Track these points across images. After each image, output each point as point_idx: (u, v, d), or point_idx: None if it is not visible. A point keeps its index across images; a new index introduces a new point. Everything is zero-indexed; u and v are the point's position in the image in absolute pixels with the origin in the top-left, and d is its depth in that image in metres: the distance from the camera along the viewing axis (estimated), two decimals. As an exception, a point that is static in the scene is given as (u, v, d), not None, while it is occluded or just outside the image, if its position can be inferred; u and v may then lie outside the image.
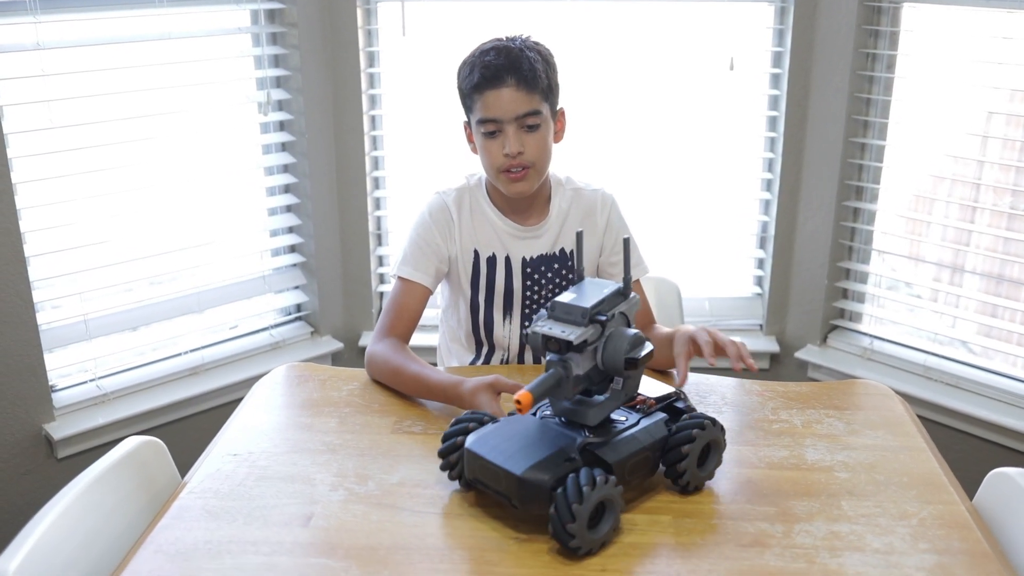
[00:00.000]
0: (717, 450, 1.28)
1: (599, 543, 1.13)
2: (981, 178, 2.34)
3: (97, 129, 2.19)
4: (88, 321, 2.25)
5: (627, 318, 1.25)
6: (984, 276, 2.37)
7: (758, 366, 2.60)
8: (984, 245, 2.35)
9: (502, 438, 1.21)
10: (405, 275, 1.71)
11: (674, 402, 1.31)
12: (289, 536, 1.17)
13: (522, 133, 1.62)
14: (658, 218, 2.61)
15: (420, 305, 1.71)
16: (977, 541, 1.17)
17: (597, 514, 1.13)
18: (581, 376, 1.18)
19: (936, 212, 2.46)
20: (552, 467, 1.15)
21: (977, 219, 2.37)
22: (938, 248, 2.45)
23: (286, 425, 1.47)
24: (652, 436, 1.24)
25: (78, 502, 1.22)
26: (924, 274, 2.50)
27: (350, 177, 2.59)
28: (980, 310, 2.40)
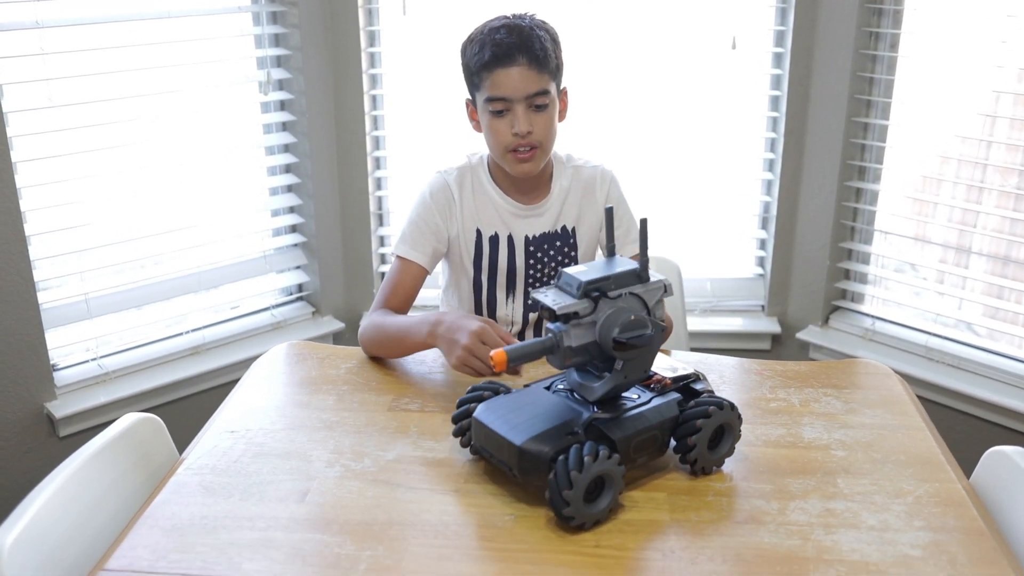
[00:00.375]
0: (731, 433, 1.27)
1: (595, 518, 1.14)
2: (988, 158, 2.32)
3: (97, 108, 2.19)
4: (89, 300, 2.25)
5: (644, 302, 1.21)
6: (989, 257, 2.35)
7: (760, 347, 2.63)
8: (991, 226, 2.34)
9: (510, 409, 1.22)
10: (402, 254, 1.71)
11: (692, 383, 1.30)
12: (285, 512, 1.17)
13: (531, 113, 1.61)
14: (660, 198, 2.60)
15: (416, 283, 1.71)
16: (972, 519, 1.17)
17: (596, 488, 1.14)
18: (576, 348, 1.18)
19: (941, 193, 2.45)
20: (554, 439, 1.16)
21: (984, 200, 2.35)
22: (942, 229, 2.44)
23: (284, 403, 1.48)
24: (662, 415, 1.23)
25: (75, 478, 1.22)
26: (928, 255, 2.49)
27: (351, 157, 2.58)
28: (985, 291, 2.39)
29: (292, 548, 1.10)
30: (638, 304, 1.22)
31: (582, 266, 1.23)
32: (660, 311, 1.24)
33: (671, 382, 1.28)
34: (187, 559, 1.08)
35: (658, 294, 1.23)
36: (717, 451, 1.26)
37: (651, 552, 1.10)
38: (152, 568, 1.07)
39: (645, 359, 1.23)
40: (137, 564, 1.08)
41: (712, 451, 1.26)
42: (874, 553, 1.09)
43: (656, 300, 1.23)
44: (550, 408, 1.22)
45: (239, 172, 2.51)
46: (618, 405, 1.23)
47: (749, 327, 2.65)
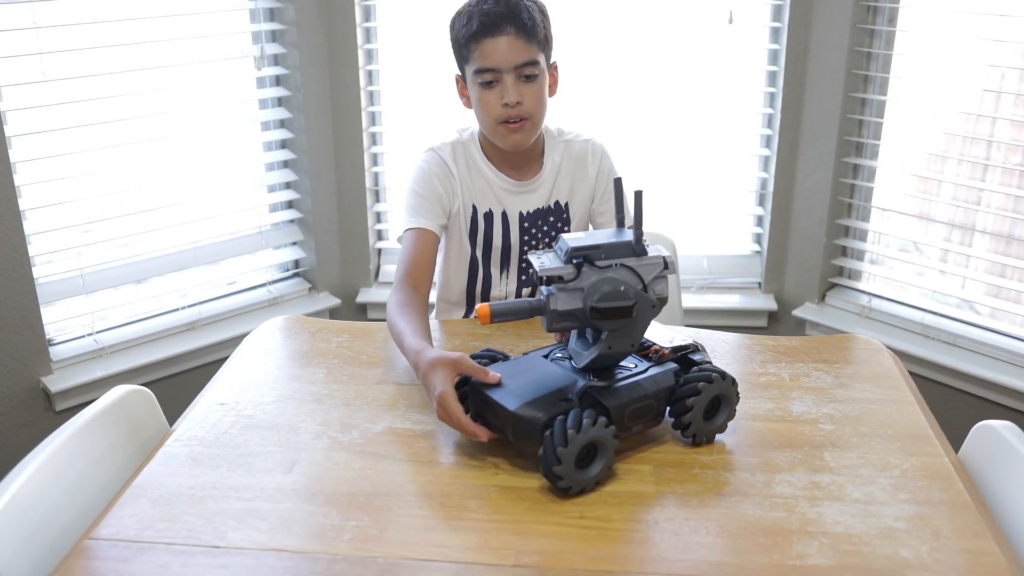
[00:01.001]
0: (728, 404, 1.27)
1: (583, 484, 1.14)
2: (993, 135, 2.31)
3: (91, 82, 2.19)
4: (85, 275, 2.25)
5: (638, 276, 1.20)
6: (990, 235, 2.34)
7: (756, 324, 2.63)
8: (995, 204, 2.33)
9: (507, 376, 1.24)
10: (413, 225, 1.67)
11: (690, 354, 1.30)
12: (271, 482, 1.18)
13: (520, 83, 1.60)
14: (656, 175, 2.59)
15: (432, 251, 1.67)
16: (959, 492, 1.17)
17: (588, 455, 1.14)
18: (561, 312, 1.18)
19: (937, 169, 2.44)
20: (548, 406, 1.17)
21: (984, 176, 2.34)
22: (941, 206, 2.43)
23: (274, 376, 1.48)
24: (658, 385, 1.24)
25: (65, 448, 1.23)
26: (925, 232, 2.48)
27: (347, 133, 2.57)
28: (985, 269, 2.38)
29: (278, 518, 1.10)
30: (631, 276, 1.20)
31: (580, 233, 1.23)
32: (660, 287, 1.22)
33: (669, 352, 1.29)
34: (173, 528, 1.09)
35: (655, 269, 1.21)
36: (713, 422, 1.26)
37: (635, 524, 1.10)
38: (139, 537, 1.07)
39: (631, 331, 1.22)
40: (124, 533, 1.08)
41: (708, 422, 1.26)
42: (858, 525, 1.09)
43: (653, 276, 1.21)
44: (546, 375, 1.23)
45: (235, 147, 2.51)
46: (614, 374, 1.23)
47: (745, 304, 2.65)
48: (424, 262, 1.65)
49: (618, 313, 1.17)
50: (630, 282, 1.19)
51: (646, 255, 1.20)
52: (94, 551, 1.06)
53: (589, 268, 1.18)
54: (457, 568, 1.02)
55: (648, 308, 1.21)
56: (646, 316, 1.21)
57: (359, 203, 2.64)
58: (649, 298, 1.21)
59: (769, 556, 1.04)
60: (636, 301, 1.18)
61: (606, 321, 1.18)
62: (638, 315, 1.19)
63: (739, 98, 2.58)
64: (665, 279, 1.22)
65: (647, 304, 1.20)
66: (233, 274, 2.55)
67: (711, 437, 1.27)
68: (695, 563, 1.03)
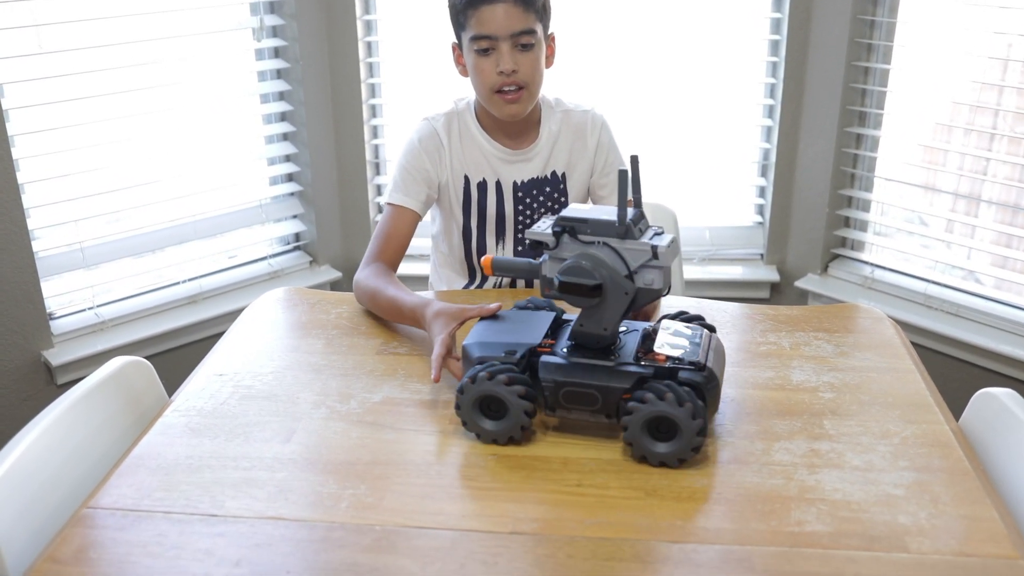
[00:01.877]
0: (681, 436, 1.12)
1: (491, 435, 1.18)
2: (1000, 104, 2.29)
3: (90, 55, 2.17)
4: (84, 249, 2.25)
5: (623, 259, 1.15)
6: (996, 205, 2.33)
7: (759, 296, 2.62)
8: (1001, 174, 2.31)
9: (508, 319, 1.30)
10: (394, 201, 1.70)
11: (681, 370, 1.16)
12: (269, 452, 1.18)
13: (516, 52, 1.59)
14: (658, 146, 2.57)
15: (409, 230, 1.70)
16: (958, 459, 1.16)
17: (500, 409, 1.17)
18: (549, 280, 1.18)
19: (942, 139, 2.42)
20: (489, 350, 1.22)
21: (991, 146, 2.32)
22: (946, 176, 2.41)
23: (273, 347, 1.48)
24: (608, 380, 1.16)
25: (63, 419, 1.23)
26: (931, 203, 2.47)
27: (346, 105, 2.56)
28: (989, 239, 2.36)
29: (275, 487, 1.10)
30: (613, 258, 1.15)
31: (585, 206, 1.22)
32: (649, 277, 1.15)
33: (665, 359, 1.17)
34: (171, 497, 1.09)
35: (642, 257, 1.14)
36: (666, 446, 1.13)
37: (633, 491, 1.10)
38: (136, 506, 1.07)
39: (600, 313, 1.17)
40: (121, 502, 1.08)
41: (660, 443, 1.14)
42: (856, 492, 1.09)
43: (641, 263, 1.14)
44: (526, 329, 1.26)
45: (234, 120, 2.50)
46: (592, 355, 1.19)
47: (748, 276, 2.64)
48: (398, 240, 1.68)
49: (579, 291, 1.15)
50: (610, 264, 1.15)
51: (634, 239, 1.14)
52: (93, 520, 1.06)
53: (571, 240, 1.17)
54: (455, 536, 1.02)
55: (620, 294, 1.15)
56: (617, 301, 1.16)
57: (359, 176, 2.63)
58: (624, 284, 1.15)
59: (767, 523, 1.04)
60: (601, 283, 1.14)
61: (571, 296, 1.16)
62: (607, 298, 1.15)
63: (741, 68, 2.56)
64: (659, 271, 1.14)
65: (618, 289, 1.15)
66: (234, 247, 2.54)
67: (667, 462, 1.13)
68: (693, 530, 1.03)
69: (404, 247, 1.70)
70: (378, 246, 1.67)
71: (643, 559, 0.98)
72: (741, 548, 1.00)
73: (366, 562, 0.97)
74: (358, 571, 0.96)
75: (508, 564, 0.97)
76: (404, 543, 1.00)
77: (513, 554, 0.98)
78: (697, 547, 1.00)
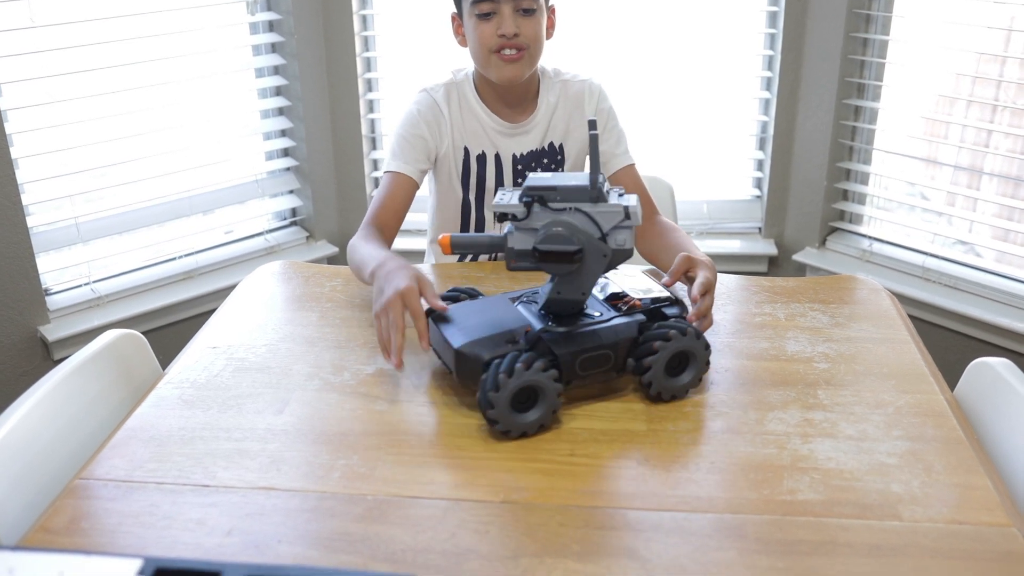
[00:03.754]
0: (695, 363, 1.21)
1: (522, 428, 1.13)
2: (1003, 75, 2.27)
3: (83, 29, 2.15)
4: (80, 224, 2.24)
5: (595, 223, 1.16)
6: (998, 177, 2.31)
7: (757, 269, 2.61)
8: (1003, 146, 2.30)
9: (467, 314, 1.23)
10: (392, 168, 1.67)
11: (664, 307, 1.24)
12: (262, 423, 1.17)
13: (518, 17, 1.58)
14: (656, 119, 2.56)
15: (407, 197, 1.68)
16: (952, 428, 1.16)
17: (528, 399, 1.13)
18: (517, 251, 1.17)
19: (943, 110, 2.40)
20: (492, 346, 1.16)
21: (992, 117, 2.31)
22: (946, 148, 2.40)
23: (267, 320, 1.47)
24: (617, 335, 1.19)
25: (57, 391, 1.23)
26: (932, 176, 2.45)
27: (342, 79, 2.54)
28: (991, 212, 2.35)
29: (267, 457, 1.10)
30: (586, 223, 1.16)
31: (548, 174, 1.21)
32: (621, 237, 1.16)
33: (639, 304, 1.24)
34: (163, 468, 1.09)
35: (615, 219, 1.15)
36: (679, 379, 1.21)
37: (626, 461, 1.10)
38: (128, 477, 1.07)
39: (579, 278, 1.18)
40: (113, 473, 1.08)
41: (674, 378, 1.20)
42: (850, 461, 1.09)
43: (613, 225, 1.16)
44: (502, 317, 1.22)
45: (229, 95, 2.48)
46: (576, 321, 1.20)
47: (746, 249, 2.63)
48: (395, 206, 1.65)
49: (560, 257, 1.15)
50: (583, 228, 1.16)
51: (605, 202, 1.16)
52: (85, 491, 1.06)
53: (542, 209, 1.16)
54: (447, 505, 1.02)
55: (598, 257, 1.16)
56: (595, 264, 1.17)
57: (355, 150, 2.62)
58: (600, 246, 1.16)
59: (759, 492, 1.04)
60: (581, 247, 1.15)
61: (550, 264, 1.16)
62: (586, 262, 1.16)
63: (739, 40, 2.54)
64: (629, 230, 1.16)
65: (596, 252, 1.16)
66: (230, 223, 2.54)
67: (679, 394, 1.21)
68: (684, 499, 1.03)
69: (401, 214, 1.67)
70: (373, 212, 1.65)
71: (635, 528, 0.98)
72: (734, 516, 1.00)
73: (358, 531, 0.97)
74: (350, 540, 0.96)
75: (500, 532, 0.97)
76: (396, 512, 1.00)
77: (505, 523, 0.98)
78: (689, 516, 1.00)
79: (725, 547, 0.95)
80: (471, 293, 1.34)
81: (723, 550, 0.95)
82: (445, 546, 0.95)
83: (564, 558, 0.93)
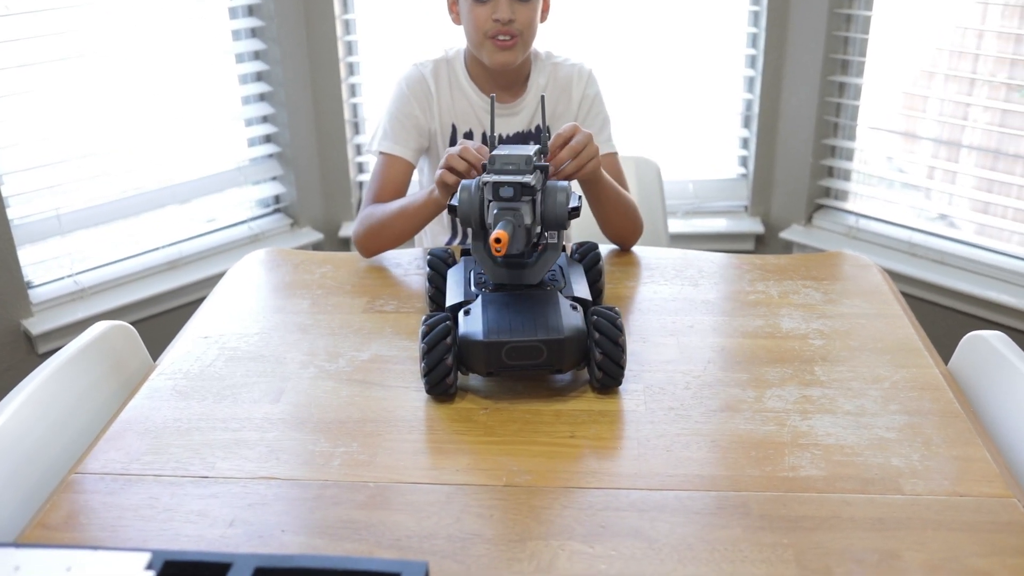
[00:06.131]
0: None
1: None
2: (981, 48, 2.27)
3: (63, 15, 2.12)
4: (61, 216, 2.21)
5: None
6: (978, 150, 2.32)
7: (743, 248, 2.61)
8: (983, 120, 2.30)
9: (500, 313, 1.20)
10: (386, 150, 1.66)
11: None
12: (259, 412, 1.16)
13: (514, 2, 1.56)
14: (640, 99, 2.55)
15: (405, 179, 1.67)
16: (948, 402, 1.16)
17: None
18: (524, 228, 1.16)
19: (924, 85, 2.40)
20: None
21: (971, 91, 2.31)
22: (927, 122, 2.41)
23: (257, 308, 1.46)
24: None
25: (47, 386, 1.21)
26: (912, 150, 2.46)
27: (323, 63, 2.52)
28: (974, 186, 2.36)
29: (266, 447, 1.09)
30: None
31: (501, 149, 1.22)
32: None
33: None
34: (160, 460, 1.07)
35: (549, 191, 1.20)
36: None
37: (627, 441, 1.09)
38: (126, 470, 1.06)
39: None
40: (110, 467, 1.07)
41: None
42: (849, 436, 1.09)
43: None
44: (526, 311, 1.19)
45: (210, 81, 2.45)
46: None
47: (732, 228, 2.63)
48: (395, 188, 1.65)
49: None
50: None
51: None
52: (82, 485, 1.04)
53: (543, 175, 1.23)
54: (450, 490, 1.01)
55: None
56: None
57: (338, 135, 2.59)
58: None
59: (761, 469, 1.04)
60: None
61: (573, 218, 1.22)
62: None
63: (722, 18, 2.53)
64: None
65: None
66: (213, 211, 2.51)
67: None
68: (688, 477, 1.02)
69: (402, 195, 1.66)
70: (374, 194, 1.64)
71: (640, 508, 0.97)
72: (737, 494, 1.00)
73: (362, 518, 0.96)
74: (354, 528, 0.95)
75: (504, 516, 0.96)
76: (399, 499, 0.99)
77: (509, 506, 0.98)
78: (693, 494, 1.00)
79: (730, 525, 0.95)
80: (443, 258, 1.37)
81: (728, 528, 0.95)
82: (451, 531, 0.94)
83: (570, 540, 0.93)
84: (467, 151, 1.37)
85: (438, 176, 1.41)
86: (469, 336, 1.15)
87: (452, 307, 1.22)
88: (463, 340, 1.15)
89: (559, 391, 1.19)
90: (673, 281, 1.51)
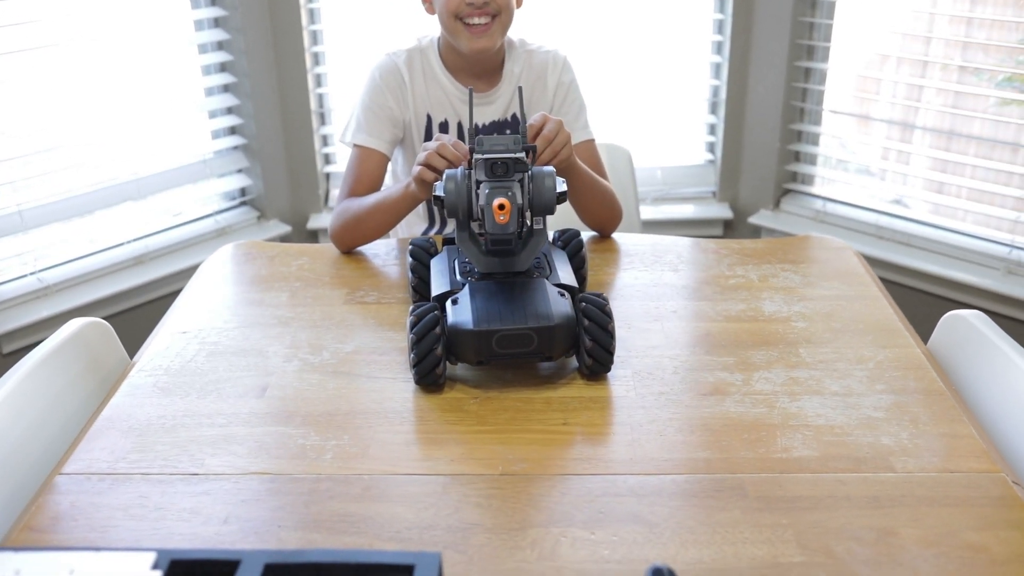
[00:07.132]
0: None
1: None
2: (932, 32, 2.31)
3: (22, 8, 2.06)
4: (23, 212, 2.16)
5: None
6: (934, 132, 2.36)
7: (712, 233, 2.63)
8: (936, 102, 2.34)
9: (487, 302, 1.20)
10: (360, 142, 1.64)
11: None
12: (245, 407, 1.14)
13: None
14: (607, 86, 2.55)
15: (380, 172, 1.65)
16: (932, 380, 1.18)
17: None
18: (517, 208, 1.15)
19: (881, 69, 2.43)
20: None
21: (924, 73, 2.35)
22: (888, 106, 2.43)
23: (235, 301, 1.43)
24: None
25: (22, 387, 1.18)
26: (874, 133, 2.49)
27: (288, 53, 2.48)
28: (932, 167, 2.40)
29: (255, 442, 1.07)
30: None
31: (491, 136, 1.21)
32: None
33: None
34: (147, 458, 1.05)
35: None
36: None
37: (620, 427, 1.09)
38: (112, 469, 1.04)
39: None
40: (95, 466, 1.04)
41: None
42: (839, 417, 1.10)
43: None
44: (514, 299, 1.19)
45: (172, 72, 2.40)
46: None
47: (701, 214, 2.65)
48: (371, 181, 1.64)
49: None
50: None
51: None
52: (67, 486, 1.02)
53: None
54: (445, 480, 1.00)
55: None
56: None
57: (305, 126, 2.56)
58: None
59: (754, 451, 1.04)
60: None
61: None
62: None
63: (689, 4, 2.54)
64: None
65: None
66: (179, 205, 2.47)
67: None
68: (683, 461, 1.03)
69: (378, 188, 1.64)
70: (349, 187, 1.62)
71: (638, 493, 0.97)
72: (733, 477, 1.00)
73: (359, 511, 0.95)
74: (352, 521, 0.94)
75: (503, 505, 0.96)
76: (395, 490, 0.98)
77: (506, 495, 0.97)
78: (689, 478, 1.00)
79: (729, 507, 0.95)
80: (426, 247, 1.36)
81: (727, 510, 0.95)
82: (450, 521, 0.94)
83: (571, 527, 0.93)
84: (445, 148, 1.36)
85: (416, 173, 1.40)
86: (458, 325, 1.14)
87: (438, 297, 1.21)
88: (452, 329, 1.14)
89: (548, 378, 1.19)
90: (653, 267, 1.51)
